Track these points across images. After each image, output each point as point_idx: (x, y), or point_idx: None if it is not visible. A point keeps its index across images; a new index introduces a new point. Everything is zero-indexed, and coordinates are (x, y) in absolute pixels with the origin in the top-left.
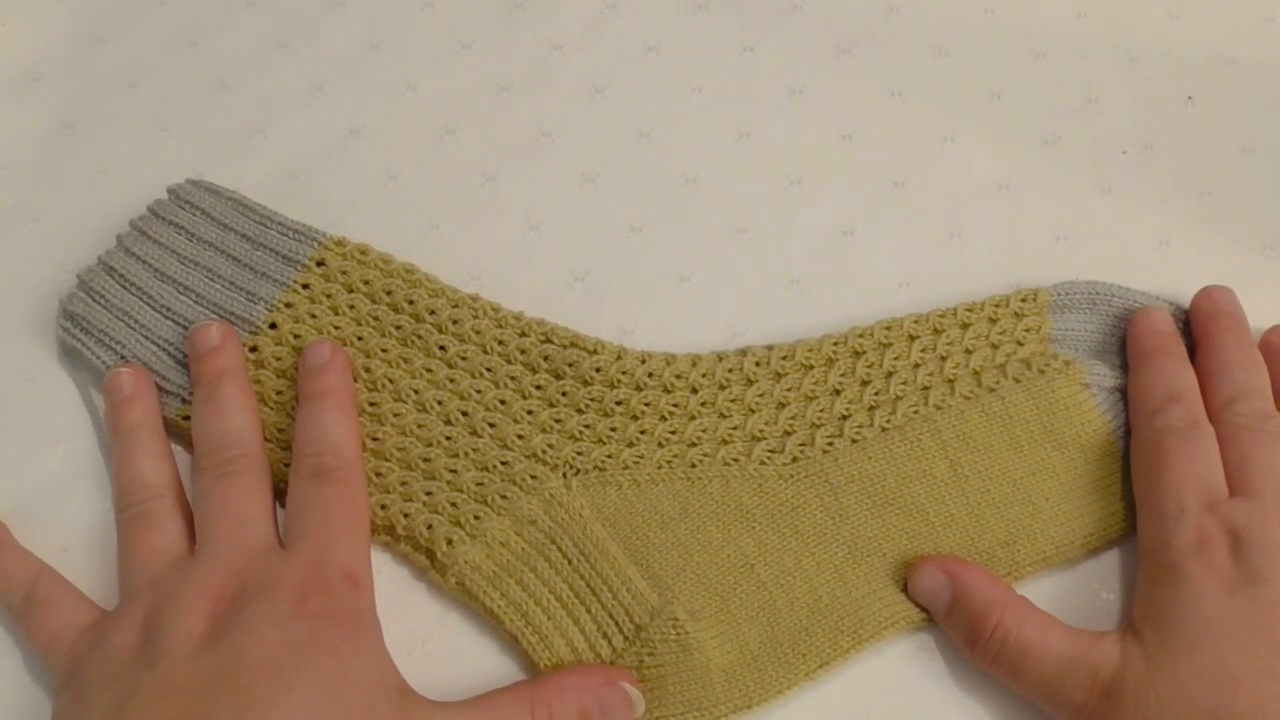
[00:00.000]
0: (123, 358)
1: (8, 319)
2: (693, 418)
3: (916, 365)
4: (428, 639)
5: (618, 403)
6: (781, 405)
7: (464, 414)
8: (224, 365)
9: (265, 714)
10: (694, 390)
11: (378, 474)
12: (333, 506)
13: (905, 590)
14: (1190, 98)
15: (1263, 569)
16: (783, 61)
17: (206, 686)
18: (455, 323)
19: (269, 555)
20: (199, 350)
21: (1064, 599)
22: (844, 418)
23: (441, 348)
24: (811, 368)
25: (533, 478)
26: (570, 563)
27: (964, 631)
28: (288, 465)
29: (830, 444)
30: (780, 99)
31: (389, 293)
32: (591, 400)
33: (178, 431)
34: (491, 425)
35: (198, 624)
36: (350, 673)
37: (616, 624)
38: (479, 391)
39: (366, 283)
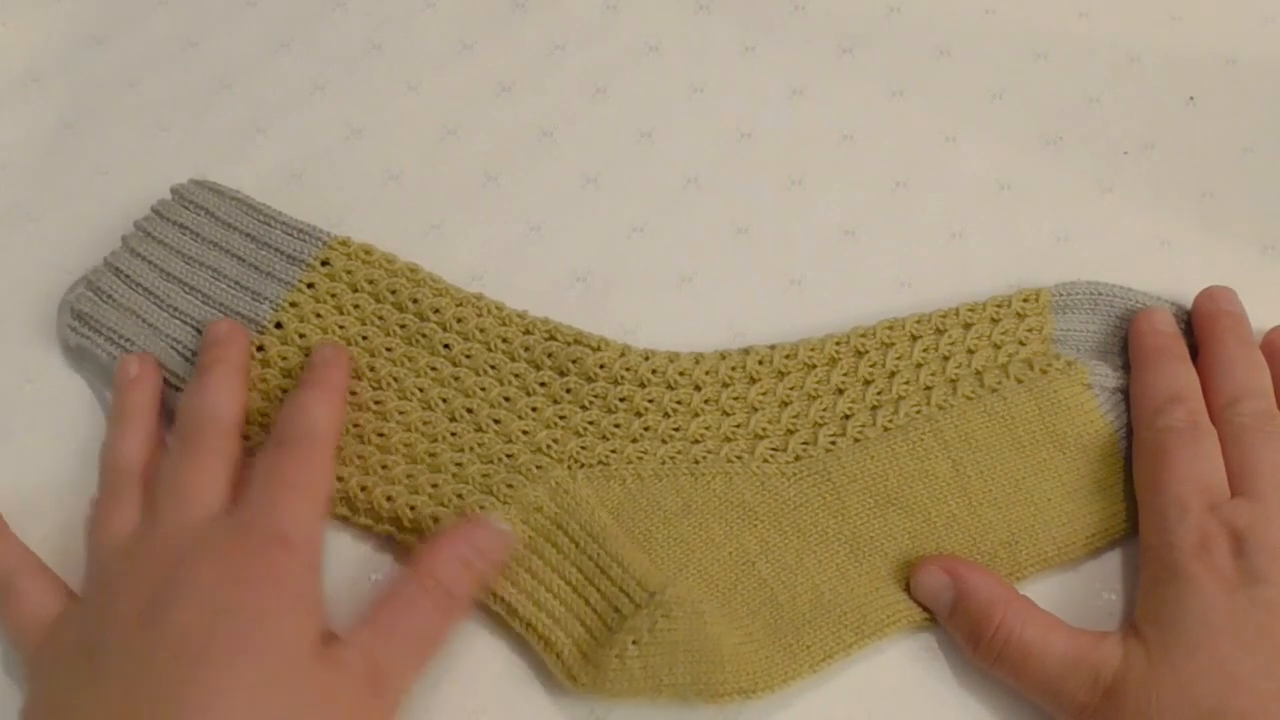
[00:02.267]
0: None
1: (8, 319)
2: (696, 415)
3: (919, 365)
4: None
5: (621, 399)
6: (785, 404)
7: (469, 411)
8: (221, 354)
9: (187, 695)
10: (697, 387)
11: (384, 466)
12: (283, 470)
13: (907, 589)
14: (1192, 98)
15: (1264, 570)
16: (784, 61)
17: (137, 673)
18: (459, 321)
19: (203, 524)
20: (204, 344)
21: (1066, 599)
22: (847, 417)
23: (446, 346)
24: (814, 367)
25: (538, 468)
26: (578, 545)
27: (966, 631)
28: None
29: (833, 443)
30: (781, 99)
31: (393, 292)
32: (595, 397)
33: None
34: (496, 422)
35: (132, 606)
36: (271, 638)
37: (628, 595)
38: (483, 389)
39: (371, 282)
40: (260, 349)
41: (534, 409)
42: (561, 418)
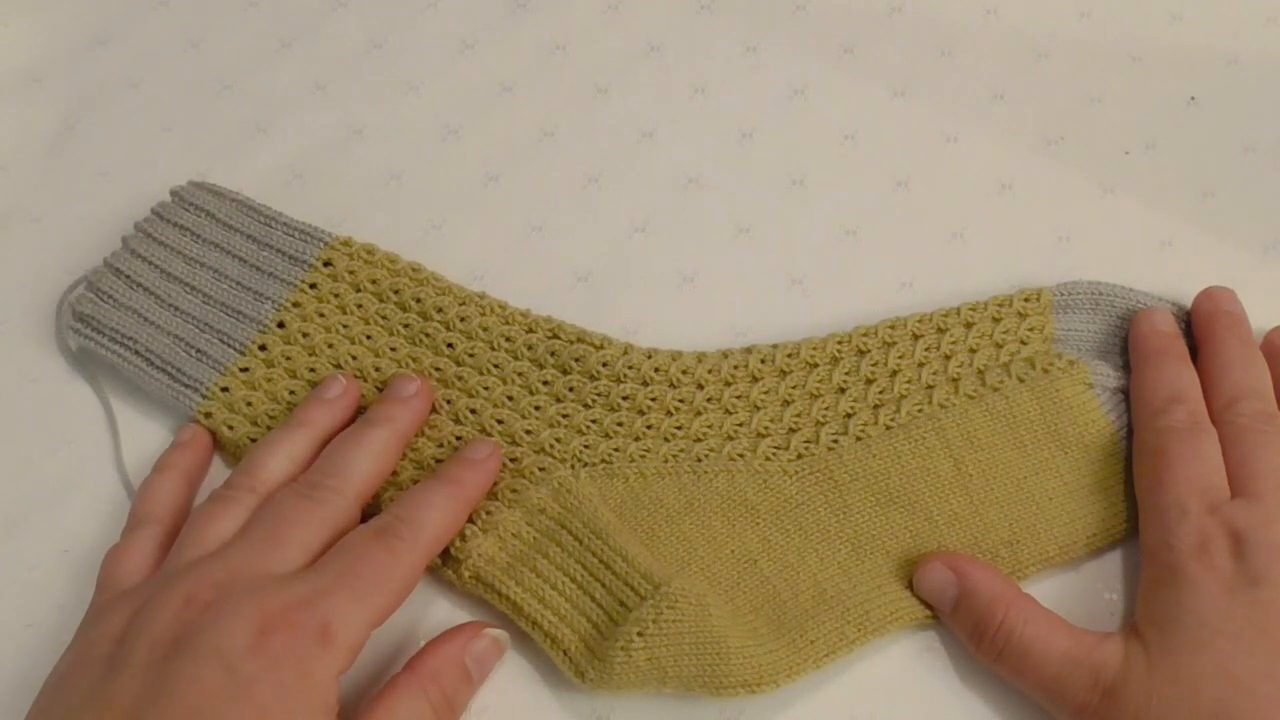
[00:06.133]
0: (138, 353)
1: (10, 319)
2: (698, 413)
3: (921, 364)
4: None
5: (624, 398)
6: (787, 402)
7: (472, 411)
8: (392, 414)
9: None
10: (700, 386)
11: (392, 472)
12: (366, 558)
13: (909, 587)
14: (1193, 98)
15: (1264, 570)
16: (785, 61)
17: (138, 710)
18: (463, 320)
19: (265, 576)
20: (391, 395)
21: (1068, 599)
22: (849, 415)
23: (449, 345)
24: (816, 365)
25: (541, 470)
26: (581, 542)
27: (969, 628)
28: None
29: (835, 441)
30: (783, 99)
31: (396, 291)
32: (598, 395)
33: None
34: (499, 422)
35: (167, 630)
36: None
37: (633, 588)
38: (486, 389)
39: (374, 282)
40: (263, 348)
41: (537, 407)
42: (564, 416)
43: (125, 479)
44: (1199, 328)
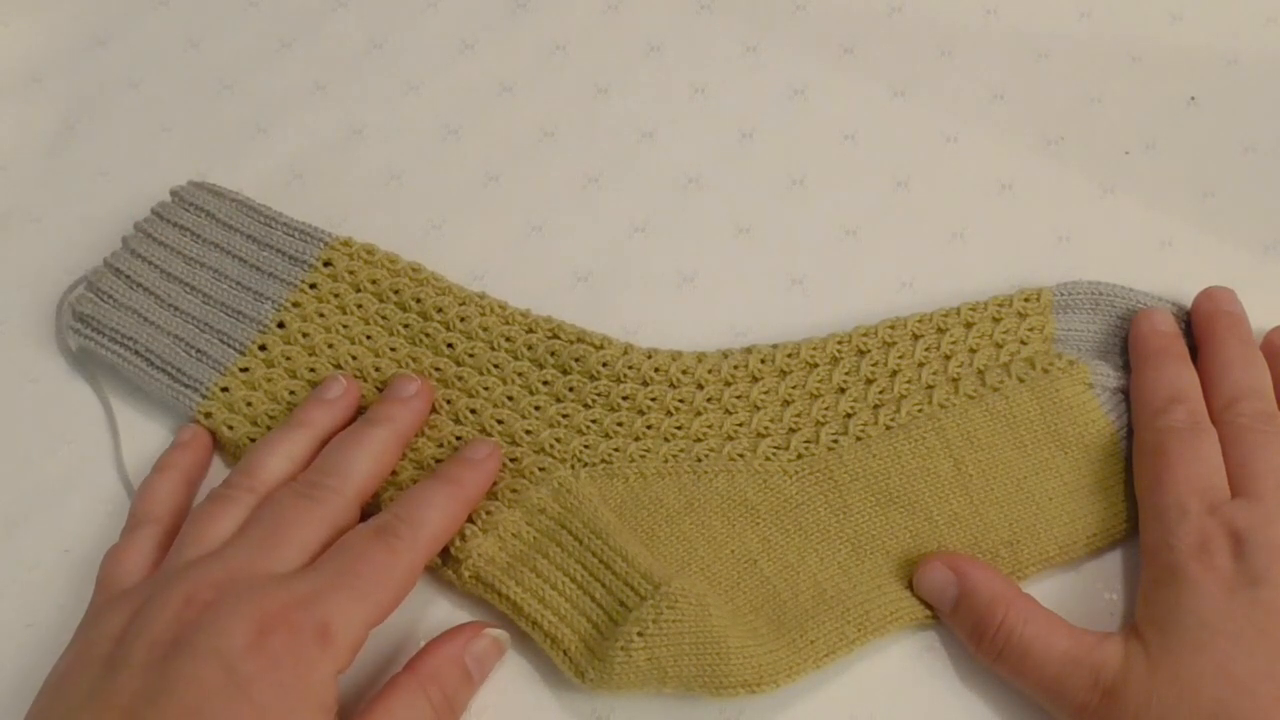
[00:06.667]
0: (138, 353)
1: (10, 319)
2: (698, 413)
3: (921, 364)
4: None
5: (624, 398)
6: (787, 402)
7: (472, 411)
8: (392, 414)
9: None
10: (700, 386)
11: (392, 472)
12: (365, 558)
13: (909, 587)
14: (1193, 98)
15: (1264, 570)
16: (785, 61)
17: (137, 710)
18: (463, 320)
19: (264, 576)
20: (391, 395)
21: (1068, 599)
22: (849, 415)
23: (449, 345)
24: (816, 365)
25: (541, 470)
26: (581, 542)
27: (969, 628)
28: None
29: (835, 441)
30: (783, 99)
31: (396, 291)
32: (598, 395)
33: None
34: (499, 422)
35: (167, 630)
36: None
37: (633, 588)
38: (486, 389)
39: (374, 282)
40: (263, 349)
41: (537, 407)
42: (564, 416)
43: (125, 479)
44: (1199, 328)
